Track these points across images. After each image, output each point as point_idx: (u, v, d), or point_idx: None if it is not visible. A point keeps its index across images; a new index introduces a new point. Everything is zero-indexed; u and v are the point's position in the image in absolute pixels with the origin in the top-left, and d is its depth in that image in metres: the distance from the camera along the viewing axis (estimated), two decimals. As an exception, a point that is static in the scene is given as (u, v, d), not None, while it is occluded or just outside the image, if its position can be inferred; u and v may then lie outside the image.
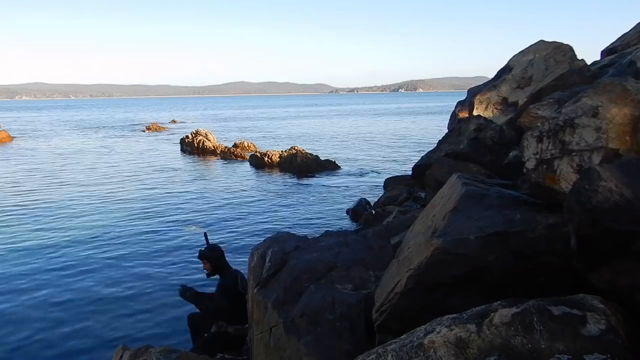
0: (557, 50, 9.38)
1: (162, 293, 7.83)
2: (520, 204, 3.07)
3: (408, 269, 3.02)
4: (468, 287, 2.80)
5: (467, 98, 10.90)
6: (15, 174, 20.14)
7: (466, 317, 2.24)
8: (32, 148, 30.68)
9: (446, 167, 7.40)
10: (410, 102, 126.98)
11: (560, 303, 2.14)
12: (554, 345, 1.96)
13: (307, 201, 14.30)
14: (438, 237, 2.94)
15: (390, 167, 20.49)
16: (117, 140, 36.33)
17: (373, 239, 4.73)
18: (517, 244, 2.75)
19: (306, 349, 3.51)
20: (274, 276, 4.44)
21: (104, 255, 9.72)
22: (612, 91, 2.90)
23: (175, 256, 9.59)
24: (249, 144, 27.11)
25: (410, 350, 2.17)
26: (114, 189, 16.71)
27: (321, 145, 29.39)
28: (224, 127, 48.96)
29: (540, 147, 3.04)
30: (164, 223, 12.04)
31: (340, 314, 3.64)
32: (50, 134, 43.03)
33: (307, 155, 20.14)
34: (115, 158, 25.39)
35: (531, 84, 9.38)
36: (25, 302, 7.61)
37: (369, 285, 3.92)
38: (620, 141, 2.78)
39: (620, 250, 2.12)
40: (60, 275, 8.68)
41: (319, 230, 9.14)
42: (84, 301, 7.59)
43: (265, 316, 4.13)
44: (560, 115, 3.03)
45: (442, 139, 9.49)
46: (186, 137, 28.89)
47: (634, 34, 9.92)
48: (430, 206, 3.73)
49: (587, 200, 2.21)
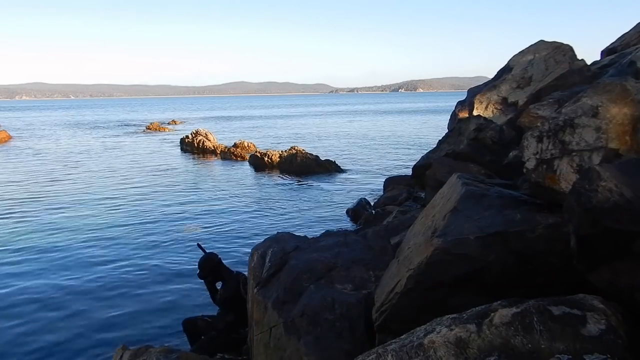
0: (557, 50, 9.38)
1: (162, 293, 7.82)
2: (520, 204, 3.07)
3: (408, 269, 3.02)
4: (468, 287, 2.80)
5: (467, 98, 10.90)
6: (15, 174, 20.14)
7: (466, 317, 2.24)
8: (32, 148, 30.68)
9: (446, 167, 7.40)
10: (410, 102, 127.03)
11: (560, 303, 2.14)
12: (554, 345, 1.96)
13: (307, 201, 14.30)
14: (438, 237, 2.94)
15: (390, 167, 20.48)
16: (117, 140, 36.33)
17: (373, 239, 4.73)
18: (517, 244, 2.75)
19: (306, 349, 3.51)
20: (274, 276, 4.44)
21: (104, 255, 9.72)
22: (612, 91, 2.90)
23: (174, 256, 9.59)
24: (249, 144, 27.11)
25: (410, 350, 2.17)
26: (113, 189, 16.70)
27: (321, 145, 29.38)
28: (224, 127, 48.96)
29: (540, 147, 3.04)
30: (164, 223, 12.04)
31: (340, 314, 3.64)
32: (50, 134, 43.02)
33: (307, 156, 20.13)
34: (115, 158, 25.38)
35: (531, 84, 9.38)
36: (25, 302, 7.61)
37: (369, 285, 3.92)
38: (620, 141, 2.78)
39: (620, 250, 2.12)
40: (59, 275, 8.68)
41: (319, 230, 9.13)
42: (84, 301, 7.59)
43: (265, 316, 4.13)
44: (560, 115, 3.03)
45: (442, 139, 9.49)
46: (186, 137, 28.89)
47: (634, 34, 9.92)
48: (430, 206, 3.73)
49: (587, 200, 2.21)
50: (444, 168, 7.39)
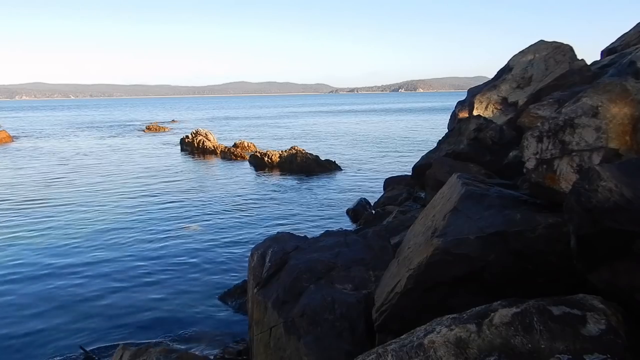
0: (557, 50, 9.38)
1: (162, 293, 7.83)
2: (520, 204, 3.07)
3: (408, 269, 3.02)
4: (468, 287, 2.80)
5: (467, 98, 10.90)
6: (15, 175, 20.14)
7: (466, 317, 2.24)
8: (32, 148, 30.68)
9: (446, 167, 7.41)
10: (410, 102, 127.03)
11: (560, 303, 2.14)
12: (554, 345, 1.96)
13: (307, 201, 14.31)
14: (438, 237, 2.94)
15: (390, 167, 20.48)
16: (117, 140, 36.33)
17: (373, 239, 4.74)
18: (517, 244, 2.75)
19: (306, 348, 3.51)
20: (274, 276, 4.44)
21: (103, 254, 9.72)
22: (612, 91, 2.90)
23: (174, 256, 9.59)
24: (249, 144, 27.11)
25: (410, 350, 2.17)
26: (112, 189, 16.70)
27: (321, 145, 29.38)
28: (224, 127, 48.95)
29: (540, 147, 3.04)
30: (164, 223, 12.04)
31: (340, 314, 3.64)
32: (50, 134, 43.02)
33: (307, 155, 20.13)
34: (115, 158, 25.38)
35: (531, 84, 9.38)
36: (24, 302, 7.61)
37: (369, 285, 3.92)
38: (620, 141, 2.78)
39: (620, 250, 2.12)
40: (58, 275, 8.68)
41: (319, 230, 9.13)
42: (83, 301, 7.59)
43: (265, 316, 4.13)
44: (560, 115, 3.03)
45: (442, 139, 9.49)
46: (186, 137, 28.89)
47: (634, 34, 9.92)
48: (430, 206, 3.73)
49: (587, 200, 2.21)
50: (444, 168, 7.40)
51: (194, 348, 5.99)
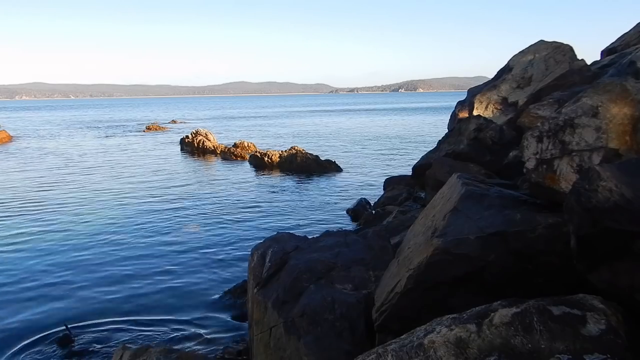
0: (557, 50, 9.38)
1: (162, 293, 7.83)
2: (520, 204, 3.07)
3: (408, 269, 3.02)
4: (468, 287, 2.80)
5: (467, 98, 10.89)
6: (15, 174, 20.14)
7: (466, 317, 2.24)
8: (32, 148, 30.68)
9: (446, 167, 7.41)
10: (410, 102, 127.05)
11: (560, 303, 2.14)
12: (554, 345, 1.96)
13: (307, 201, 14.30)
14: (438, 237, 2.94)
15: (390, 167, 20.49)
16: (117, 140, 36.32)
17: (373, 239, 4.74)
18: (517, 244, 2.75)
19: (306, 349, 3.51)
20: (274, 276, 4.44)
21: (103, 254, 9.72)
22: (612, 91, 2.90)
23: (174, 256, 9.59)
24: (249, 144, 27.10)
25: (410, 350, 2.17)
26: (113, 189, 16.70)
27: (321, 145, 29.38)
28: (224, 127, 48.95)
29: (540, 147, 3.04)
30: (163, 223, 12.04)
31: (340, 314, 3.64)
32: (50, 134, 43.01)
33: (307, 155, 20.13)
34: (115, 158, 25.38)
35: (531, 84, 9.38)
36: (24, 301, 7.61)
37: (369, 285, 3.92)
38: (620, 141, 2.78)
39: (620, 250, 2.12)
40: (58, 275, 8.68)
41: (319, 230, 9.13)
42: (83, 301, 7.59)
43: (265, 316, 4.13)
44: (560, 115, 3.03)
45: (442, 139, 9.49)
46: (186, 137, 28.88)
47: (634, 34, 9.92)
48: (430, 206, 3.73)
49: (587, 200, 2.21)
50: (444, 168, 7.40)
51: (194, 348, 5.99)
